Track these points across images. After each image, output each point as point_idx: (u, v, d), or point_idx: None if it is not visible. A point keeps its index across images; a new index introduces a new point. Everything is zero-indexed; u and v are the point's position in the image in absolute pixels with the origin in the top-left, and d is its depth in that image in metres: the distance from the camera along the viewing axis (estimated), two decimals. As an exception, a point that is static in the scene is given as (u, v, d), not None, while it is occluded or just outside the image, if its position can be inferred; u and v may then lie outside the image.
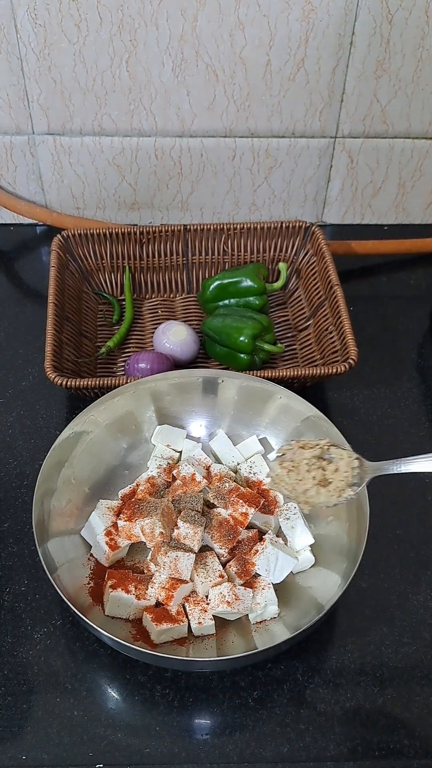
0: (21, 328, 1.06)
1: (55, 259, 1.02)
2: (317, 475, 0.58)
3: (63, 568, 0.73)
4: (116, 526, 0.78)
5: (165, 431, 0.87)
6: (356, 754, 0.69)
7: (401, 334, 1.07)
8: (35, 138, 1.10)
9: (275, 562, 0.75)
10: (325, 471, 0.59)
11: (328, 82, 1.05)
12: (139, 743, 0.69)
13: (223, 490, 0.79)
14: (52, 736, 0.69)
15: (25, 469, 0.89)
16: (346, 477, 0.58)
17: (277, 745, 0.69)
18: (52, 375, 0.88)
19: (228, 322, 0.97)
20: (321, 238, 1.05)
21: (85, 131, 1.09)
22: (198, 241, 1.08)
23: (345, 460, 0.59)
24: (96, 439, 0.84)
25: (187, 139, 1.10)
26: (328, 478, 0.58)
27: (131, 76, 1.03)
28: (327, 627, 0.77)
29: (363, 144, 1.12)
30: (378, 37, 1.01)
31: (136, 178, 1.14)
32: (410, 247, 1.16)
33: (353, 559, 0.71)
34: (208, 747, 0.69)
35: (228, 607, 0.72)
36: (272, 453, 0.87)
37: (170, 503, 0.78)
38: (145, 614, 0.73)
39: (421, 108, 1.08)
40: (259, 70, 1.03)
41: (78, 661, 0.74)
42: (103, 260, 1.08)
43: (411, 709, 0.71)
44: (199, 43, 1.00)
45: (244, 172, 1.14)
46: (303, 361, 1.02)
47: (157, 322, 1.06)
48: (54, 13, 0.98)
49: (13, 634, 0.75)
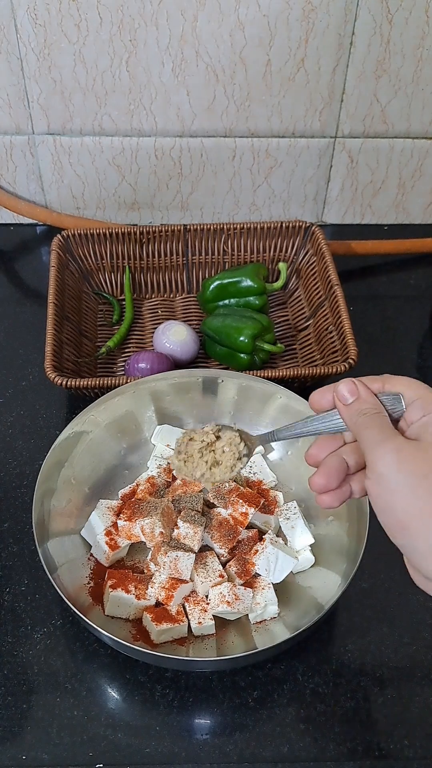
0: (21, 328, 1.06)
1: (55, 259, 1.02)
2: (209, 458, 0.67)
3: (63, 568, 0.73)
4: (116, 526, 0.78)
5: (165, 431, 0.87)
6: (356, 754, 0.69)
7: (401, 334, 1.07)
8: (35, 138, 1.10)
9: (275, 562, 0.75)
10: (215, 453, 0.67)
11: (328, 82, 1.05)
12: (139, 743, 0.69)
13: (223, 490, 0.79)
14: (52, 736, 0.69)
15: (25, 469, 0.89)
16: (233, 453, 0.67)
17: (277, 745, 0.69)
18: (52, 375, 0.88)
19: (228, 322, 0.97)
20: (321, 238, 1.05)
21: (85, 131, 1.09)
22: (198, 241, 1.08)
23: (227, 437, 0.67)
24: (96, 439, 0.84)
25: (187, 139, 1.10)
26: (218, 459, 0.67)
27: (131, 76, 1.03)
28: (327, 627, 0.77)
29: (363, 144, 1.12)
30: (378, 37, 1.01)
31: (136, 178, 1.14)
32: (410, 247, 1.16)
33: (353, 559, 0.71)
34: (208, 747, 0.69)
35: (228, 607, 0.72)
36: (272, 453, 0.87)
37: (170, 503, 0.78)
38: (145, 614, 0.73)
39: (421, 108, 1.08)
40: (259, 70, 1.03)
41: (78, 661, 0.74)
42: (103, 260, 1.08)
43: (411, 709, 0.71)
44: (199, 43, 1.00)
45: (244, 172, 1.14)
46: (303, 361, 1.02)
47: (157, 322, 1.06)
48: (54, 13, 0.98)
49: (13, 634, 0.75)
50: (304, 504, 0.82)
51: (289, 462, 0.86)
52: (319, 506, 0.57)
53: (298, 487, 0.84)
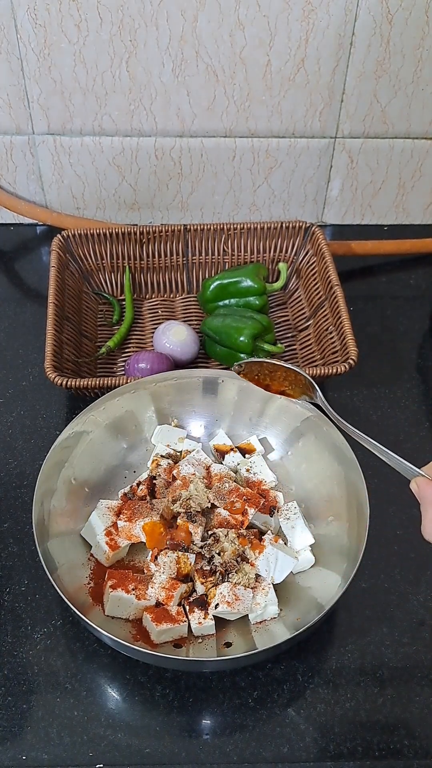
0: (21, 328, 1.06)
1: (55, 259, 1.02)
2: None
3: (63, 568, 0.73)
4: (116, 526, 0.78)
5: (165, 431, 0.87)
6: (356, 754, 0.69)
7: (401, 334, 1.07)
8: (35, 138, 1.10)
9: (275, 562, 0.75)
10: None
11: (328, 83, 1.05)
12: (139, 743, 0.69)
13: (223, 490, 0.79)
14: (52, 736, 0.69)
15: (25, 469, 0.89)
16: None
17: (277, 745, 0.69)
18: (52, 375, 0.88)
19: (228, 322, 0.97)
20: (321, 239, 1.05)
21: (85, 131, 1.09)
22: (198, 241, 1.08)
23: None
24: (96, 439, 0.84)
25: (187, 139, 1.10)
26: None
27: (131, 76, 1.03)
28: (327, 627, 0.77)
29: (363, 144, 1.12)
30: (378, 38, 1.01)
31: (136, 178, 1.14)
32: (410, 247, 1.16)
33: (353, 559, 0.71)
34: (208, 747, 0.69)
35: (228, 607, 0.72)
36: (272, 453, 0.87)
37: (170, 503, 0.78)
38: (145, 614, 0.73)
39: (421, 108, 1.08)
40: (259, 71, 1.03)
41: (78, 661, 0.74)
42: (103, 260, 1.08)
43: (411, 709, 0.71)
44: (199, 43, 1.00)
45: (244, 173, 1.14)
46: (303, 361, 1.02)
47: (157, 322, 1.06)
48: (54, 13, 0.98)
49: (13, 634, 0.75)
50: (304, 504, 0.82)
51: (289, 462, 0.86)
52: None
53: (298, 487, 0.84)
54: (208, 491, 0.79)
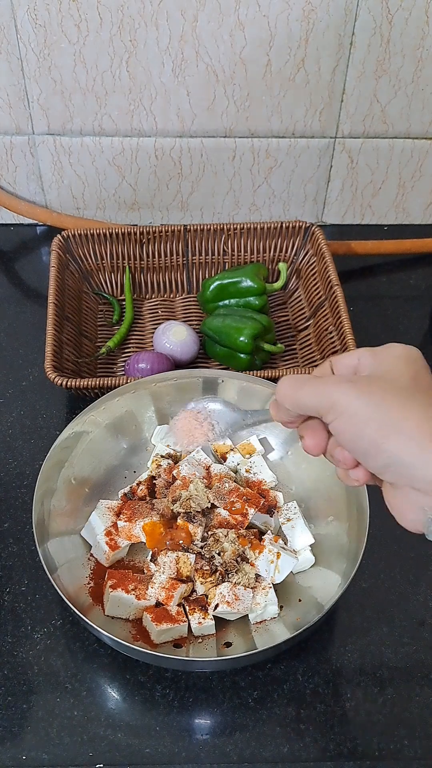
0: (21, 328, 1.06)
1: (55, 259, 1.02)
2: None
3: (63, 568, 0.73)
4: (116, 526, 0.78)
5: (165, 431, 0.87)
6: (356, 754, 0.69)
7: (401, 334, 1.07)
8: (35, 138, 1.10)
9: (275, 562, 0.75)
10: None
11: (328, 83, 1.05)
12: (139, 743, 0.69)
13: (223, 490, 0.79)
14: (52, 736, 0.69)
15: (25, 469, 0.89)
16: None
17: (277, 745, 0.69)
18: (52, 375, 0.88)
19: (228, 322, 0.97)
20: (321, 238, 1.05)
21: (85, 131, 1.09)
22: (198, 241, 1.08)
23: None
24: (96, 439, 0.84)
25: (187, 139, 1.10)
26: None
27: (131, 76, 1.04)
28: (327, 627, 0.77)
29: (363, 144, 1.12)
30: (378, 37, 1.01)
31: (136, 178, 1.14)
32: (410, 247, 1.16)
33: (353, 559, 0.71)
34: (208, 747, 0.69)
35: (228, 607, 0.72)
36: (272, 453, 0.87)
37: (170, 503, 0.78)
38: (145, 614, 0.73)
39: (421, 108, 1.08)
40: (259, 70, 1.03)
41: (78, 661, 0.74)
42: (103, 260, 1.08)
43: (411, 709, 0.71)
44: (199, 44, 1.00)
45: (244, 173, 1.14)
46: (303, 361, 1.02)
47: (157, 322, 1.06)
48: (54, 13, 0.98)
49: (13, 634, 0.75)
50: (304, 504, 0.82)
51: (289, 462, 0.86)
52: (307, 452, 0.57)
53: (298, 487, 0.84)
54: (208, 491, 0.79)
